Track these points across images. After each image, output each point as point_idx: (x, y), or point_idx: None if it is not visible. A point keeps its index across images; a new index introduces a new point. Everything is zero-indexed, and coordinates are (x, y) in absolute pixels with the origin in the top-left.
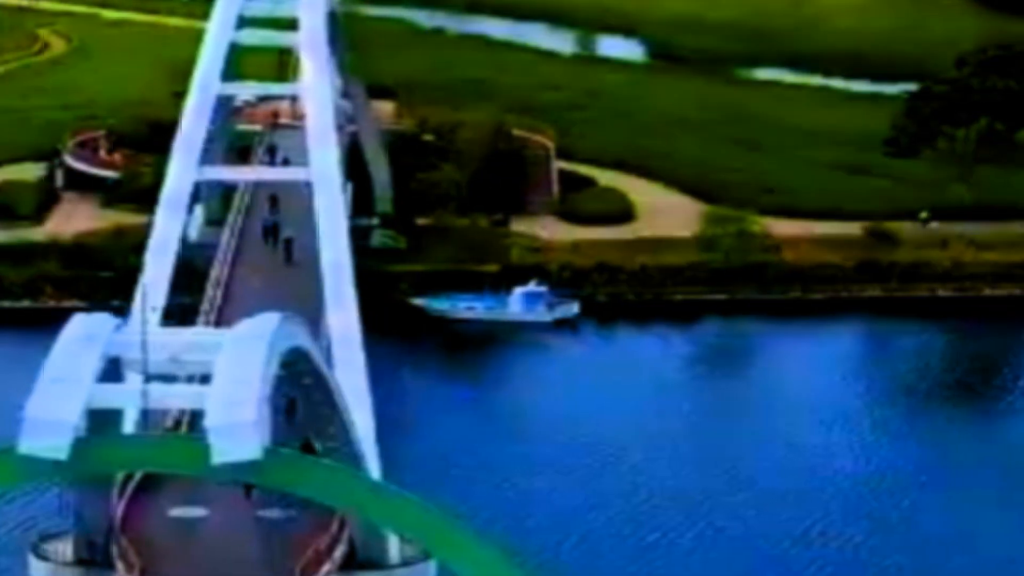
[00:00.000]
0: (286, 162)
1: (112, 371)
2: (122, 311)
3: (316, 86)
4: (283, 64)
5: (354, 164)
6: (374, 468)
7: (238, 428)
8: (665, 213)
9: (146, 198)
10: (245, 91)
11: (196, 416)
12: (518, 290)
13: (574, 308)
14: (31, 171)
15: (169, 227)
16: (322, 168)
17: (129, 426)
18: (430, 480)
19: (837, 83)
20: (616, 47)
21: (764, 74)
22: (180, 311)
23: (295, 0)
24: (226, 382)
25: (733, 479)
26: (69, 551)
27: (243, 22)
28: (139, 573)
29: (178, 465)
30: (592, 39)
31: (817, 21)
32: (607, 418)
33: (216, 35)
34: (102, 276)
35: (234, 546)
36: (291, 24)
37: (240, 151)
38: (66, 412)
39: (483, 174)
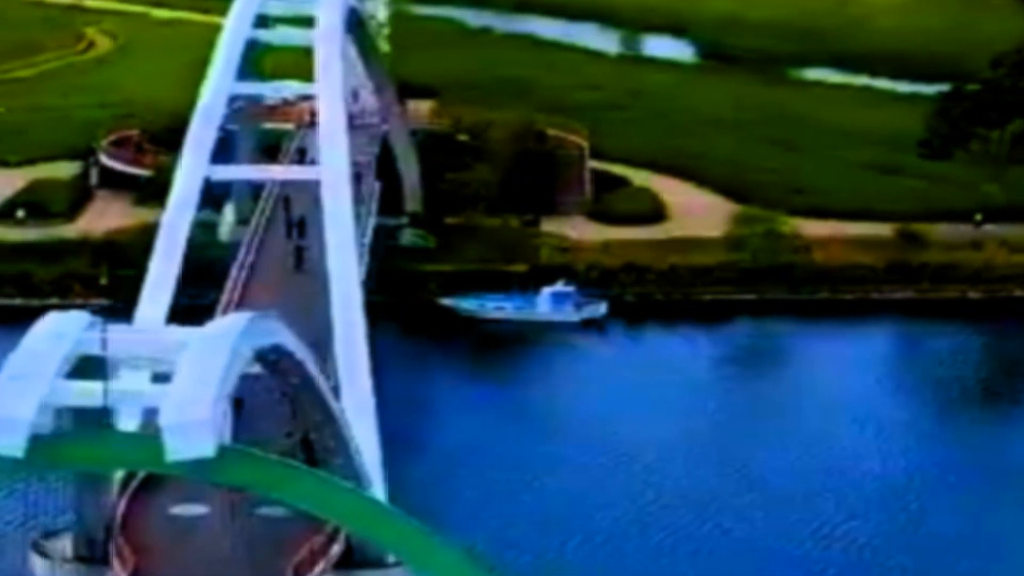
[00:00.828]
0: (314, 163)
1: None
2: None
3: (329, 85)
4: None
5: (384, 163)
6: (374, 474)
7: (192, 426)
8: (697, 213)
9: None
10: (259, 90)
11: None
12: (546, 290)
13: (602, 308)
14: (67, 169)
15: (177, 225)
16: (332, 167)
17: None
18: (455, 479)
19: (882, 83)
20: (664, 47)
21: (812, 74)
22: (201, 310)
23: None
24: (184, 381)
25: (759, 480)
26: (69, 548)
27: (263, 21)
28: (132, 570)
29: (134, 462)
30: (640, 39)
31: (863, 20)
32: (634, 418)
33: (232, 33)
34: (130, 274)
35: (228, 544)
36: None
37: (269, 150)
38: (22, 409)
39: (514, 174)
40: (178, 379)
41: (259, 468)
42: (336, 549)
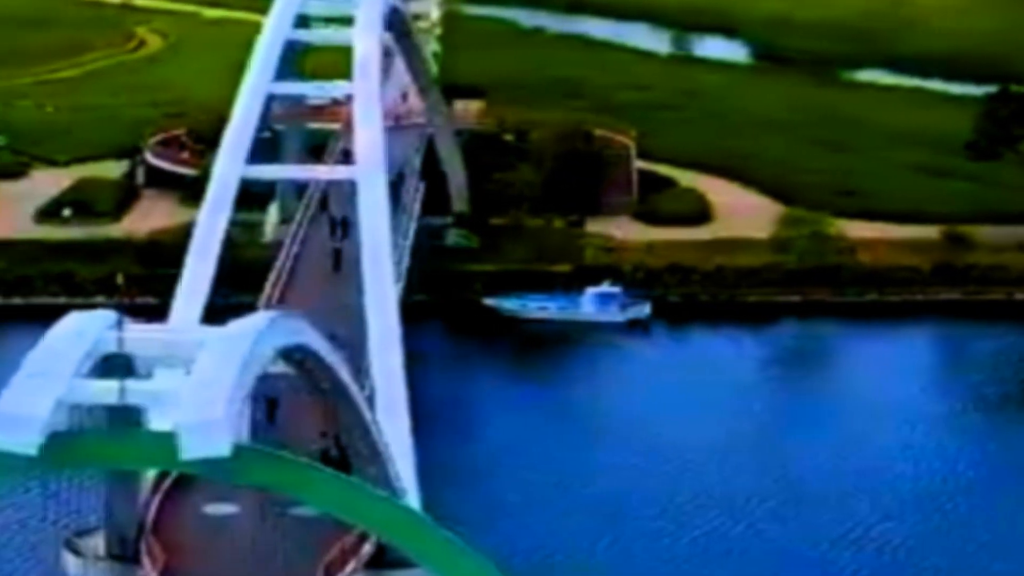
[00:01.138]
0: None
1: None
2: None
3: (366, 85)
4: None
5: (431, 163)
6: (407, 478)
7: (206, 425)
8: (744, 214)
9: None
10: (296, 90)
11: None
12: (590, 290)
13: (646, 309)
14: (114, 169)
15: (212, 224)
16: (368, 167)
17: None
18: (495, 478)
19: (934, 85)
20: (716, 48)
21: (864, 76)
22: (242, 310)
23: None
24: (200, 380)
25: (800, 481)
26: (102, 546)
27: (304, 21)
28: (161, 568)
29: (148, 461)
30: (691, 39)
31: (916, 22)
32: (677, 419)
33: (270, 34)
34: (173, 273)
35: (258, 543)
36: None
37: (317, 150)
38: (37, 407)
39: (559, 174)
40: (194, 378)
41: (274, 468)
42: (367, 549)
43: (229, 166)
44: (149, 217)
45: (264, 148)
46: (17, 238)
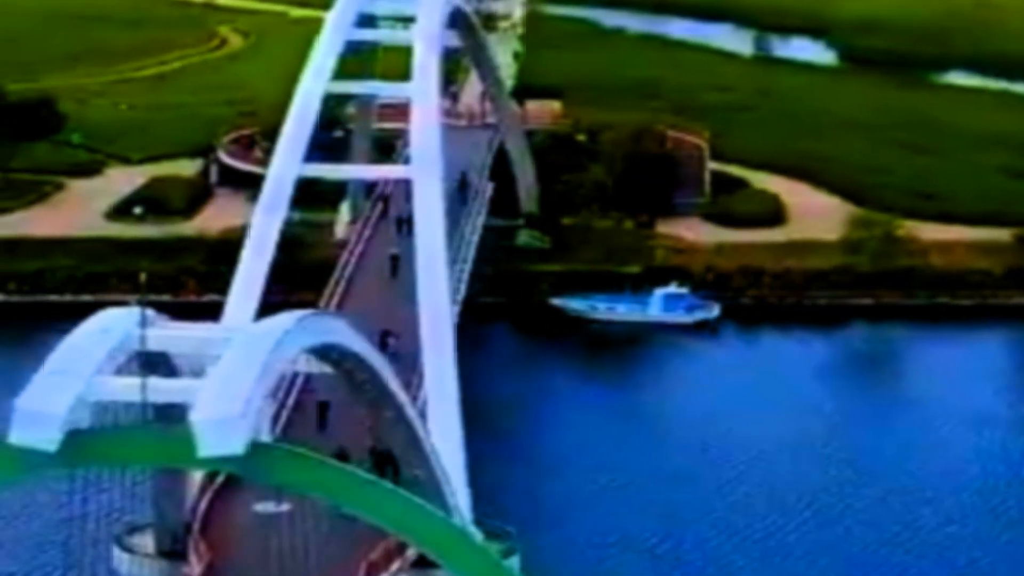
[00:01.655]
0: None
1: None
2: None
3: (424, 85)
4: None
5: (502, 164)
6: (457, 482)
7: (223, 422)
8: (817, 216)
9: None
10: (354, 89)
11: None
12: (658, 292)
13: (714, 310)
14: (189, 167)
15: (267, 223)
16: (422, 166)
17: None
18: (559, 481)
19: (1020, 87)
20: (800, 49)
21: (948, 78)
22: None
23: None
24: (220, 377)
25: (867, 484)
26: (152, 543)
27: (369, 20)
28: (206, 566)
29: (166, 458)
30: (776, 40)
31: (1001, 23)
32: (742, 420)
33: (330, 33)
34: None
35: (304, 541)
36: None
37: (385, 149)
38: (57, 404)
39: (630, 175)
40: (214, 375)
41: (292, 465)
42: (414, 549)
43: (285, 165)
44: (221, 215)
45: (336, 147)
46: (87, 235)
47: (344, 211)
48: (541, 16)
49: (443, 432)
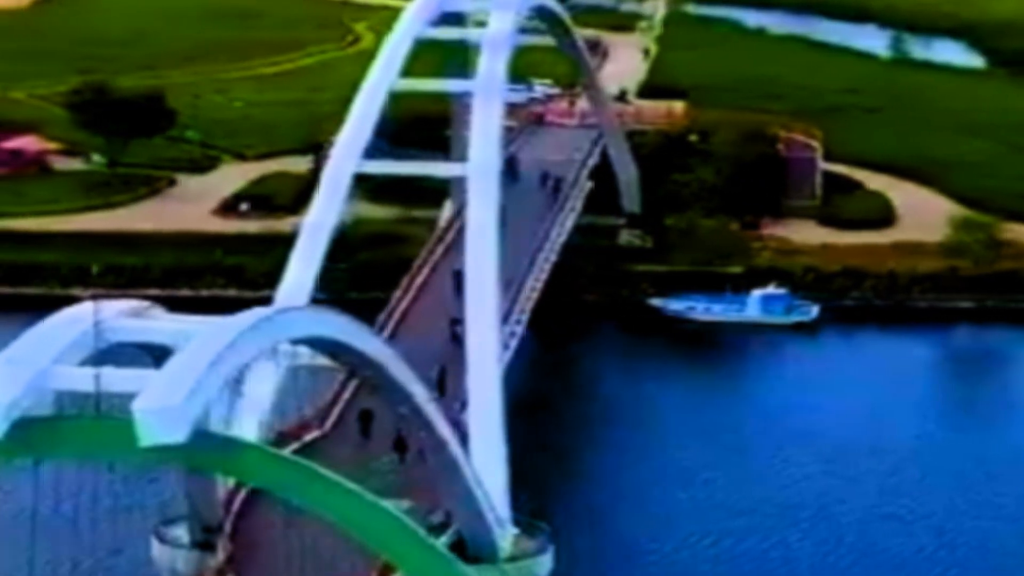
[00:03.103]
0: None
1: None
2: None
3: (488, 83)
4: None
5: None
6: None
7: (164, 411)
8: (928, 219)
9: (393, 191)
10: (419, 87)
11: None
12: (756, 292)
13: (813, 312)
14: (302, 163)
15: (322, 217)
16: (480, 164)
17: None
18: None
19: None
20: (945, 51)
21: None
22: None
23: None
24: (170, 368)
25: (970, 491)
26: (187, 535)
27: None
28: (226, 559)
29: (108, 448)
30: (920, 42)
31: None
32: (838, 424)
33: (402, 29)
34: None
35: (329, 535)
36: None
37: None
38: (5, 393)
39: (740, 176)
40: (167, 366)
41: (238, 456)
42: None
43: (343, 160)
44: None
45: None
46: (193, 231)
47: (448, 207)
48: (685, 16)
49: (482, 424)
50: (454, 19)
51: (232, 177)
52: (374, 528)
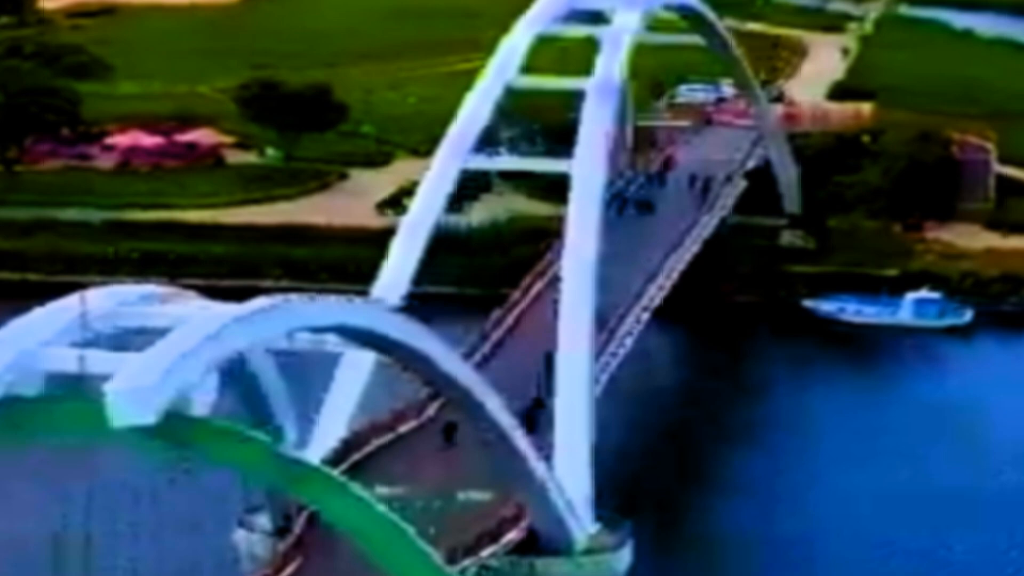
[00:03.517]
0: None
1: None
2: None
3: (603, 82)
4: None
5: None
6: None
7: (134, 392)
8: None
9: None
10: (536, 84)
11: None
12: (910, 296)
13: (967, 316)
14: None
15: (423, 212)
16: (583, 162)
17: None
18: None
19: None
20: None
21: None
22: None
23: None
24: (152, 351)
25: None
26: (270, 522)
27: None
28: (295, 542)
29: (82, 428)
30: None
31: None
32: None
33: (524, 27)
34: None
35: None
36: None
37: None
38: None
39: (910, 178)
40: (148, 350)
41: (212, 438)
42: (512, 536)
43: (449, 156)
44: (490, 208)
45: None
46: (350, 226)
47: None
48: (896, 18)
49: (569, 415)
50: (588, 17)
51: (406, 172)
52: (356, 519)
